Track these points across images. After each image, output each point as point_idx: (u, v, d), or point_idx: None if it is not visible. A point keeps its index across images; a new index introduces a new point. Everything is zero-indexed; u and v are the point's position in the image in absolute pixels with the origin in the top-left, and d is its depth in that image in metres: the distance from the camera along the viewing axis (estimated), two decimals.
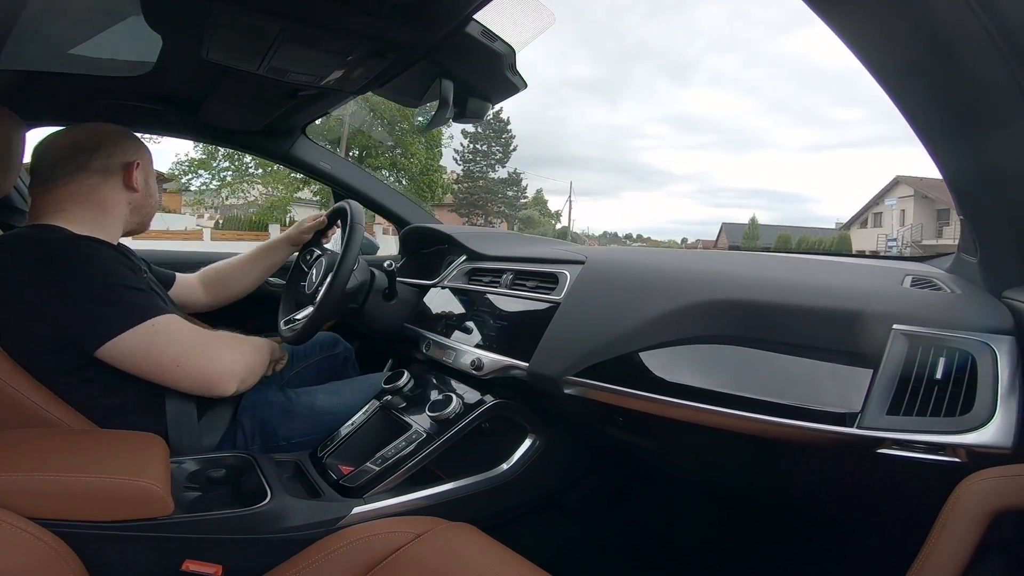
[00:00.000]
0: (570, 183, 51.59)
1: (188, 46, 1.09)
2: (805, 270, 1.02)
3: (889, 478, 0.74)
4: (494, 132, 30.00)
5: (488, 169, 30.79)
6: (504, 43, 1.07)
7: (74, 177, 1.03)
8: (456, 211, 29.67)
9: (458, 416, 1.06)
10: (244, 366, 1.03)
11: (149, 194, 1.13)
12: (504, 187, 31.01)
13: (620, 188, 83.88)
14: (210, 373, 0.98)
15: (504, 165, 30.83)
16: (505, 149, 30.47)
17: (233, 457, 0.99)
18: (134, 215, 1.12)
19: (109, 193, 1.06)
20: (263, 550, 0.82)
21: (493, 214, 30.80)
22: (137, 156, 1.10)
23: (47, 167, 1.03)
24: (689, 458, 1.05)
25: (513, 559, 0.78)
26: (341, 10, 0.93)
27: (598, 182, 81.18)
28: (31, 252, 0.92)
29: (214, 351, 0.99)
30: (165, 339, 0.94)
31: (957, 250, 0.96)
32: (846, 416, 0.69)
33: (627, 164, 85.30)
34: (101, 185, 1.05)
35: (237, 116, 1.58)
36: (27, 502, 0.68)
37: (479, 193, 30.22)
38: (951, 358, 0.66)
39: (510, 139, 30.49)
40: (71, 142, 1.05)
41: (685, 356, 0.86)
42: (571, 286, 1.06)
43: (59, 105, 1.44)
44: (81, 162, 1.04)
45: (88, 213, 1.03)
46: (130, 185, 1.08)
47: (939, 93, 0.65)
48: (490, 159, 30.60)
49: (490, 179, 30.79)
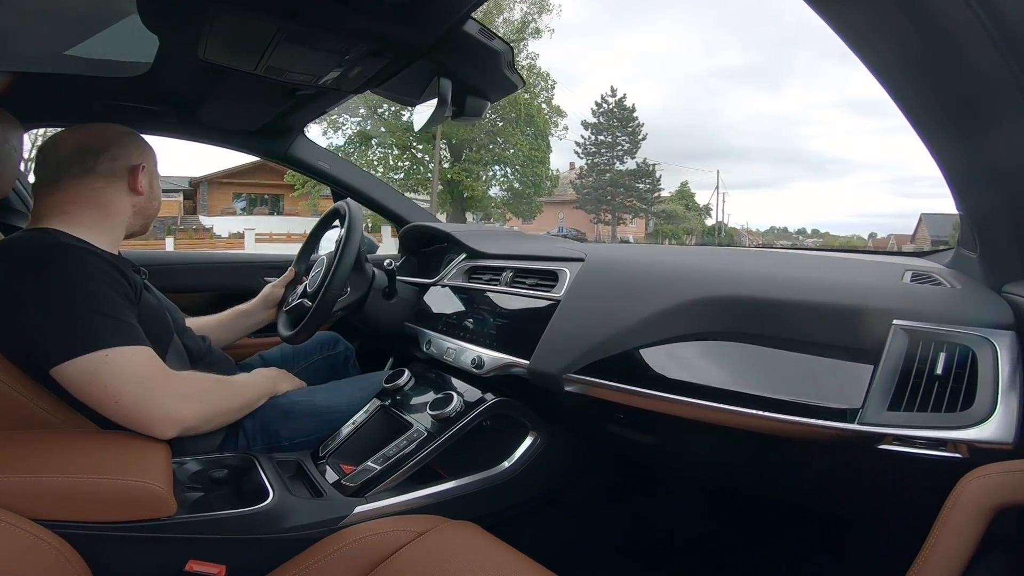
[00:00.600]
0: (717, 173, 44.56)
1: (185, 46, 1.08)
2: (805, 266, 1.02)
3: (890, 474, 0.74)
4: (618, 121, 27.78)
5: (615, 160, 28.19)
6: (502, 41, 1.07)
7: (80, 180, 1.02)
8: (582, 208, 28.22)
9: (459, 414, 1.06)
10: (195, 415, 0.94)
11: (153, 197, 1.12)
12: (633, 180, 28.09)
13: (788, 179, 78.72)
14: (146, 418, 0.90)
15: (633, 156, 28.16)
16: (633, 139, 27.97)
17: (235, 457, 0.99)
18: (137, 218, 1.11)
19: (113, 196, 1.05)
20: (266, 550, 0.82)
21: (624, 209, 28.48)
22: (142, 159, 1.09)
23: (51, 169, 1.02)
24: (690, 455, 1.05)
25: (515, 557, 0.78)
26: (338, 9, 0.93)
27: (761, 173, 77.08)
28: (20, 258, 0.90)
29: (160, 395, 0.91)
30: (112, 372, 0.87)
31: (956, 245, 0.96)
32: (847, 412, 0.69)
33: (795, 153, 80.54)
34: (106, 188, 1.04)
35: (235, 116, 1.58)
36: (31, 503, 0.69)
37: (605, 187, 27.74)
38: (951, 353, 0.66)
39: (638, 128, 27.89)
40: (76, 144, 1.03)
41: (685, 353, 0.86)
42: (571, 284, 1.06)
43: (56, 106, 1.44)
44: (87, 165, 1.03)
45: (92, 216, 1.02)
46: (135, 188, 1.07)
47: (937, 89, 0.65)
48: (616, 150, 28.10)
49: (617, 171, 28.08)
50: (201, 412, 0.96)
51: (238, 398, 1.06)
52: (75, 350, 0.86)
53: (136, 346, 0.91)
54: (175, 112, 1.50)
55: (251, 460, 0.97)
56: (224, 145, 1.78)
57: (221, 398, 1.02)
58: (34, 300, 0.87)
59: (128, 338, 0.91)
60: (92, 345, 0.87)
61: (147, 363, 0.92)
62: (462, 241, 1.47)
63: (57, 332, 0.86)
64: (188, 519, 0.79)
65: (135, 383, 0.89)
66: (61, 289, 0.88)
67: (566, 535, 1.25)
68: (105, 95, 1.39)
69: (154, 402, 0.90)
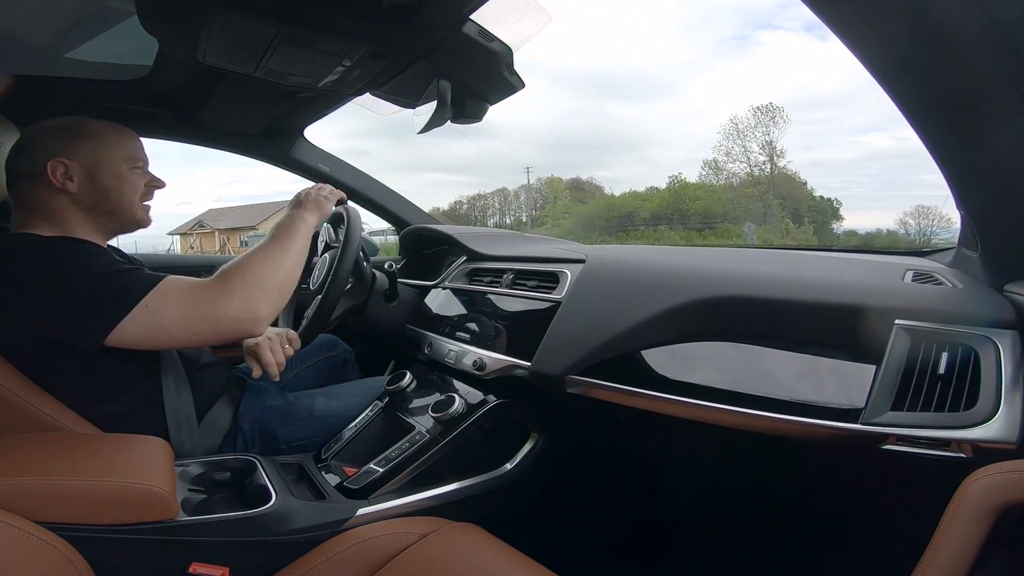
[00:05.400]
0: None
1: (184, 49, 1.08)
2: (806, 265, 1.02)
3: (892, 474, 0.74)
4: None
5: None
6: (501, 43, 1.07)
7: (17, 185, 0.96)
8: None
9: (461, 417, 1.06)
10: (264, 301, 0.93)
11: (101, 191, 0.97)
12: None
13: None
14: (230, 331, 0.91)
15: None
16: None
17: (237, 460, 0.98)
18: (100, 217, 0.99)
19: (46, 198, 0.95)
20: (269, 552, 0.82)
21: None
22: (60, 153, 0.94)
23: (8, 177, 0.97)
24: (691, 455, 1.05)
25: (518, 558, 0.78)
26: (337, 12, 0.93)
27: None
28: (15, 261, 0.88)
29: (224, 303, 0.90)
30: (164, 315, 0.87)
31: (958, 245, 0.96)
32: (849, 412, 0.69)
33: None
34: (36, 191, 0.95)
35: (236, 118, 1.58)
36: (35, 506, 0.69)
37: None
38: (954, 353, 0.67)
39: None
40: (13, 147, 0.97)
41: (687, 353, 0.86)
42: (572, 285, 1.06)
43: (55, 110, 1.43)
44: (17, 168, 0.96)
45: (43, 221, 0.95)
46: (58, 186, 0.94)
47: (935, 89, 0.65)
48: None
49: None
50: (267, 293, 0.94)
51: (289, 256, 1.00)
52: (113, 316, 0.85)
53: (164, 280, 0.89)
54: (175, 115, 1.50)
55: (254, 462, 0.97)
56: (224, 148, 1.78)
57: (274, 268, 0.97)
58: (41, 293, 0.85)
59: (150, 280, 0.89)
60: (126, 303, 0.86)
61: (186, 287, 0.90)
62: (462, 243, 1.47)
63: (85, 310, 0.85)
64: (191, 522, 0.79)
65: (193, 311, 0.88)
66: (67, 275, 0.86)
67: (568, 536, 1.25)
68: (104, 98, 1.39)
69: (223, 312, 0.90)
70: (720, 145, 28.62)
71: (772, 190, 26.57)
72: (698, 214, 27.09)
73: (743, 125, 27.74)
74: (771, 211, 25.73)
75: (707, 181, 29.08)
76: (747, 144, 27.71)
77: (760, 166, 27.42)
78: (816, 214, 26.00)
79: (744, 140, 27.81)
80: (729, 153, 28.19)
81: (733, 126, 27.93)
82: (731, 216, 26.67)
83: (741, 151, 27.84)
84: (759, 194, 26.92)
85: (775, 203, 26.10)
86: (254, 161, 1.84)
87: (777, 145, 27.07)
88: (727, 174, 28.47)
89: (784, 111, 27.78)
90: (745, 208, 26.80)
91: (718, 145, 28.90)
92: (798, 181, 27.17)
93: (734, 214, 26.76)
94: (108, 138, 0.99)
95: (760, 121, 27.31)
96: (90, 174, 0.96)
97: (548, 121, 43.00)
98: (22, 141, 0.97)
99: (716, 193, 28.18)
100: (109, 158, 0.98)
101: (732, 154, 28.08)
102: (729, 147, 28.13)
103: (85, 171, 0.96)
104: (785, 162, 27.07)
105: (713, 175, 28.88)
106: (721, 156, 28.50)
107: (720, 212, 27.02)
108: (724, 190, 28.21)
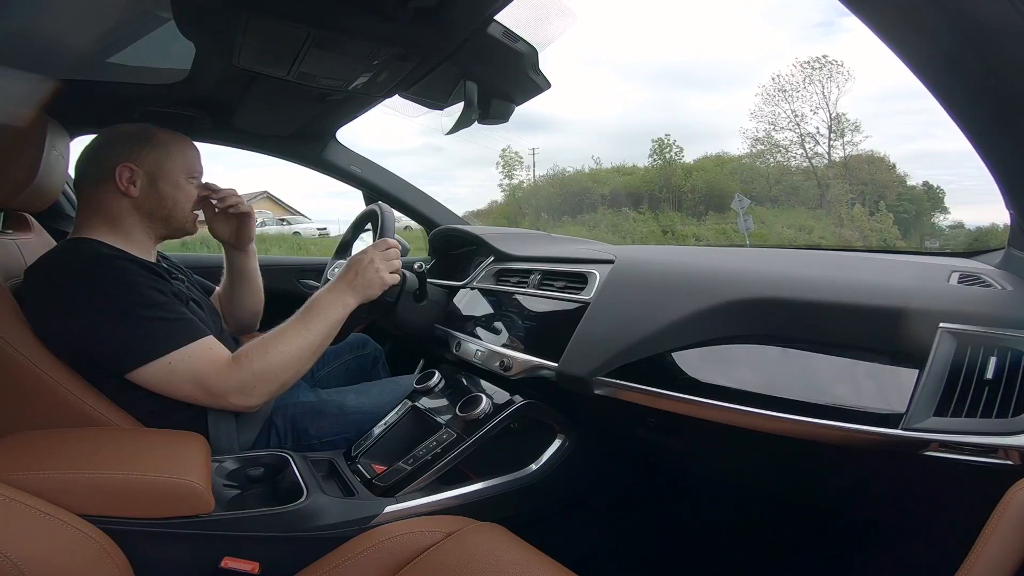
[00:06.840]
0: None
1: (220, 53, 1.11)
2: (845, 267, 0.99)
3: (933, 480, 0.71)
4: None
5: None
6: (526, 43, 1.07)
7: (82, 186, 1.02)
8: None
9: (487, 416, 1.06)
10: (270, 389, 0.97)
11: (159, 198, 1.03)
12: None
13: None
14: (227, 406, 0.96)
15: None
16: None
17: (270, 456, 1.01)
18: (154, 222, 1.05)
19: (108, 200, 1.01)
20: (298, 548, 0.84)
21: None
22: (129, 159, 1.00)
23: (75, 175, 1.03)
24: (721, 459, 1.03)
25: (541, 559, 0.77)
26: (364, 16, 0.94)
27: None
28: (67, 269, 0.92)
29: (223, 387, 0.94)
30: (181, 377, 0.92)
31: (1007, 245, 0.91)
32: (889, 417, 0.66)
33: None
34: (98, 192, 1.01)
35: (269, 121, 1.62)
36: (77, 499, 0.71)
37: None
38: (1002, 357, 0.64)
39: None
40: (85, 149, 1.03)
41: (718, 356, 0.84)
42: (601, 286, 1.05)
43: (99, 114, 1.49)
44: (85, 170, 1.02)
45: (103, 224, 1.01)
46: (122, 190, 1.00)
47: (979, 86, 0.63)
48: None
49: None
50: (267, 386, 0.97)
51: (309, 344, 1.01)
52: (138, 359, 0.90)
53: (195, 342, 0.93)
54: (211, 117, 1.55)
55: (286, 459, 0.99)
56: (258, 150, 1.82)
57: (289, 360, 0.99)
58: (88, 311, 0.89)
59: (185, 336, 0.93)
60: (153, 353, 0.90)
61: (208, 360, 0.94)
62: (489, 243, 1.47)
63: (117, 342, 0.90)
64: (225, 516, 0.81)
65: (202, 384, 0.93)
66: (112, 300, 0.90)
67: (593, 538, 1.24)
68: (144, 101, 1.44)
69: (222, 393, 0.94)
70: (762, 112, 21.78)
71: (832, 168, 20.69)
72: (698, 191, 21.18)
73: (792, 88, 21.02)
74: (827, 195, 20.17)
75: (757, 163, 22.29)
76: (796, 109, 21.31)
77: (813, 136, 21.21)
78: (907, 203, 20.48)
79: (792, 103, 21.40)
80: (775, 123, 21.65)
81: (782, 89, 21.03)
82: (771, 196, 21.05)
83: (790, 119, 21.42)
84: (815, 173, 20.76)
85: (837, 185, 20.22)
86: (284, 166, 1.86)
87: (837, 113, 20.89)
88: (781, 151, 21.73)
89: (843, 65, 21.29)
90: (792, 188, 20.72)
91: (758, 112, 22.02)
92: (886, 164, 21.03)
93: (771, 194, 20.83)
94: (172, 148, 1.05)
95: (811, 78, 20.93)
96: (152, 181, 1.02)
97: (617, 112, 42.55)
98: (93, 145, 1.03)
99: (725, 166, 22.02)
100: (171, 167, 1.04)
101: (778, 124, 21.65)
102: (776, 114, 21.59)
103: (148, 178, 1.02)
104: (862, 137, 21.13)
105: (768, 153, 21.91)
106: (766, 128, 21.69)
107: (725, 190, 20.37)
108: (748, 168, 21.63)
